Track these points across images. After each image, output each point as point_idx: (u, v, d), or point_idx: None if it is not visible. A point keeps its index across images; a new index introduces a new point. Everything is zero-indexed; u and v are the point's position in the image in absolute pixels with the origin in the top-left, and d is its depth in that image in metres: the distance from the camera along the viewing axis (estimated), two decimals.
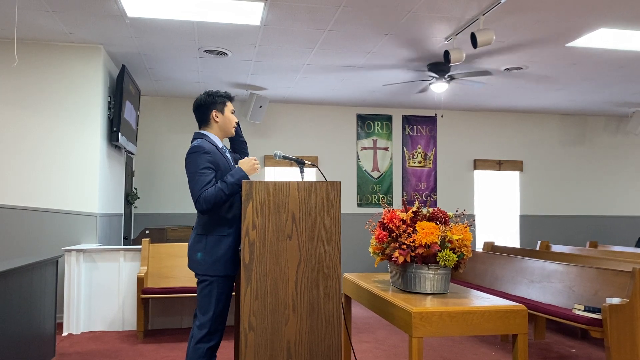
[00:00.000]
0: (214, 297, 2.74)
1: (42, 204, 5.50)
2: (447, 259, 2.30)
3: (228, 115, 2.97)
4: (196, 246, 2.79)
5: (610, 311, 3.58)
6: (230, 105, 2.99)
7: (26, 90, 5.53)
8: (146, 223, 7.50)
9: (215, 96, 2.95)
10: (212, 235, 2.77)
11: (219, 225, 2.77)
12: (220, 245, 2.75)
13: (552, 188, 9.33)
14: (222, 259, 2.74)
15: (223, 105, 2.95)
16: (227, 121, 2.96)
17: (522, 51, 5.76)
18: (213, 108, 2.93)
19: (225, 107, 2.96)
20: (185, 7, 4.60)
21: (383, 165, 8.78)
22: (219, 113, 2.94)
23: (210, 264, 2.74)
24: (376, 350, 4.61)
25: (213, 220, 2.78)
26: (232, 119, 2.99)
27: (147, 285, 5.11)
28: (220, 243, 2.76)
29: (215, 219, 2.78)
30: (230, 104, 3.00)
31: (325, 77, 6.86)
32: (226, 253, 2.75)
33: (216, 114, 2.94)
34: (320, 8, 4.61)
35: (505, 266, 5.22)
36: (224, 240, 2.76)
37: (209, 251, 2.75)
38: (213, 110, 2.93)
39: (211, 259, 2.74)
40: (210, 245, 2.76)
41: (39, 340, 3.85)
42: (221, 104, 2.95)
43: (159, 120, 8.13)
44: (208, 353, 2.74)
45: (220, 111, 2.94)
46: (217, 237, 2.76)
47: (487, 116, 9.16)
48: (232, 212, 2.81)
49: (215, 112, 2.93)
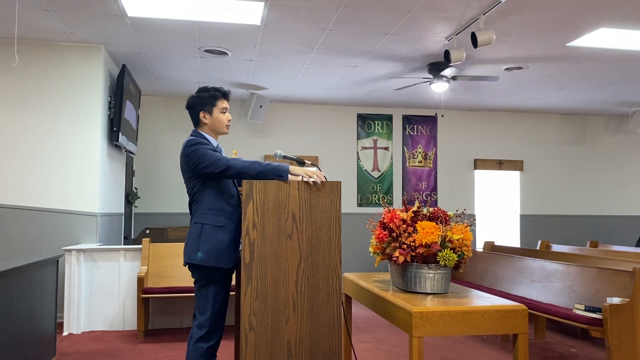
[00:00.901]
0: (210, 296, 2.74)
1: (42, 203, 5.50)
2: (448, 259, 2.30)
3: (217, 115, 2.87)
4: (192, 233, 2.75)
5: (610, 311, 3.58)
6: (222, 104, 2.88)
7: (26, 90, 5.53)
8: (146, 223, 7.50)
9: (203, 97, 2.86)
10: (208, 225, 2.73)
11: (216, 215, 2.74)
12: (215, 235, 2.72)
13: (553, 188, 9.32)
14: (216, 250, 2.71)
15: (211, 106, 2.86)
16: (216, 122, 2.87)
17: (522, 51, 5.76)
18: (200, 109, 2.86)
19: (214, 107, 2.86)
20: (185, 6, 4.59)
21: (383, 164, 8.78)
22: (207, 114, 2.86)
23: (205, 253, 2.71)
24: (376, 349, 4.61)
25: (210, 210, 2.75)
26: (221, 119, 2.88)
27: (147, 284, 5.11)
28: (216, 233, 2.72)
29: (213, 209, 2.75)
30: (220, 102, 2.88)
31: (326, 76, 6.86)
32: (220, 244, 2.71)
33: (204, 115, 2.86)
34: (321, 8, 4.61)
35: (506, 266, 5.22)
36: (219, 231, 2.72)
37: (205, 240, 2.71)
38: (200, 111, 2.86)
39: (205, 248, 2.71)
40: (206, 234, 2.72)
41: (40, 340, 3.85)
42: (209, 105, 2.86)
43: (160, 119, 8.13)
44: (208, 352, 2.74)
45: (208, 112, 2.86)
46: (213, 227, 2.72)
47: (487, 116, 9.15)
48: (231, 202, 2.78)
49: (202, 114, 2.86)
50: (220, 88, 2.93)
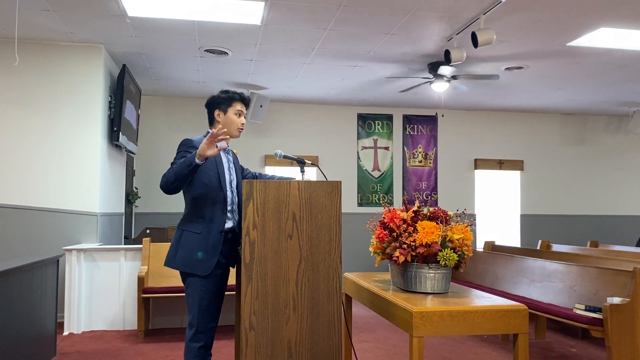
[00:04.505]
0: (196, 295, 2.74)
1: (42, 203, 5.50)
2: (448, 259, 2.30)
3: (230, 116, 2.91)
4: (174, 238, 2.81)
5: (611, 311, 3.58)
6: (237, 106, 2.92)
7: (27, 90, 5.53)
8: (147, 222, 7.50)
9: (221, 96, 2.92)
10: (187, 231, 2.78)
11: (194, 222, 2.77)
12: (192, 242, 2.74)
13: (553, 187, 9.32)
14: (191, 257, 2.73)
15: (227, 106, 2.91)
16: (228, 122, 2.91)
17: (522, 50, 5.75)
18: (216, 107, 2.92)
19: (230, 107, 2.91)
20: (186, 6, 4.59)
21: (384, 164, 8.78)
22: (222, 113, 2.91)
23: (180, 259, 2.75)
24: (377, 349, 4.61)
25: (190, 216, 2.80)
26: (234, 121, 2.92)
27: (147, 284, 5.12)
28: (193, 240, 2.74)
29: (193, 215, 2.79)
30: (237, 104, 2.93)
31: (326, 76, 6.86)
32: (195, 252, 2.73)
33: (218, 113, 2.92)
34: (321, 8, 4.61)
35: (506, 266, 5.22)
36: (197, 238, 2.75)
37: (182, 246, 2.76)
38: (216, 109, 2.92)
39: (182, 254, 2.75)
40: (184, 240, 2.76)
41: (40, 339, 3.85)
42: (225, 105, 2.91)
43: (160, 119, 8.14)
44: (201, 352, 2.74)
45: (223, 111, 2.91)
46: (190, 234, 2.76)
47: (487, 116, 9.15)
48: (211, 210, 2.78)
49: (217, 112, 2.92)
50: (241, 93, 2.98)
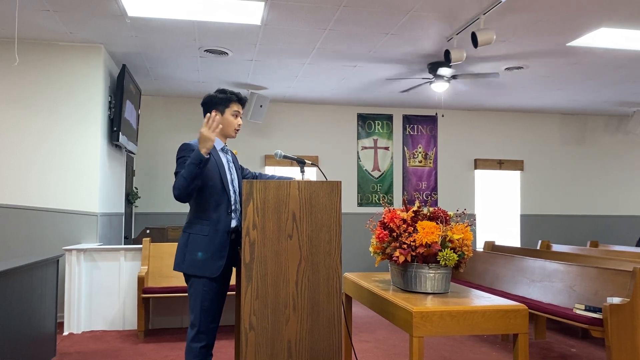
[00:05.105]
0: (198, 295, 2.74)
1: (42, 203, 5.50)
2: (448, 259, 2.30)
3: (227, 117, 2.89)
4: (180, 242, 2.81)
5: (610, 311, 3.58)
6: (235, 107, 2.91)
7: (27, 90, 5.53)
8: (147, 222, 7.49)
9: (219, 96, 2.90)
10: (193, 234, 2.77)
11: (200, 224, 2.78)
12: (200, 245, 2.74)
13: (553, 187, 9.32)
14: (200, 260, 2.73)
15: (224, 107, 2.89)
16: (225, 123, 2.89)
17: (522, 50, 5.75)
18: (213, 107, 2.88)
19: (227, 108, 2.89)
20: (185, 6, 4.59)
21: (384, 164, 8.78)
22: (218, 113, 2.86)
23: (189, 262, 2.75)
24: (377, 349, 4.61)
25: (196, 219, 2.79)
26: (231, 121, 2.91)
27: (147, 284, 5.11)
28: (200, 242, 2.75)
29: (198, 217, 2.79)
30: (234, 105, 2.91)
31: (326, 76, 6.86)
32: (204, 254, 2.73)
33: (215, 114, 2.87)
34: (321, 8, 4.61)
35: (506, 266, 5.22)
36: (204, 240, 2.75)
37: (190, 249, 2.76)
38: (212, 109, 2.87)
39: (190, 257, 2.75)
40: (191, 243, 2.76)
41: (40, 339, 3.85)
42: (222, 105, 2.89)
43: (160, 119, 8.13)
44: (202, 352, 2.74)
45: (220, 112, 2.88)
46: (197, 237, 2.76)
47: (487, 116, 9.15)
48: (219, 211, 2.79)
49: (214, 112, 2.86)
50: (238, 93, 2.96)
